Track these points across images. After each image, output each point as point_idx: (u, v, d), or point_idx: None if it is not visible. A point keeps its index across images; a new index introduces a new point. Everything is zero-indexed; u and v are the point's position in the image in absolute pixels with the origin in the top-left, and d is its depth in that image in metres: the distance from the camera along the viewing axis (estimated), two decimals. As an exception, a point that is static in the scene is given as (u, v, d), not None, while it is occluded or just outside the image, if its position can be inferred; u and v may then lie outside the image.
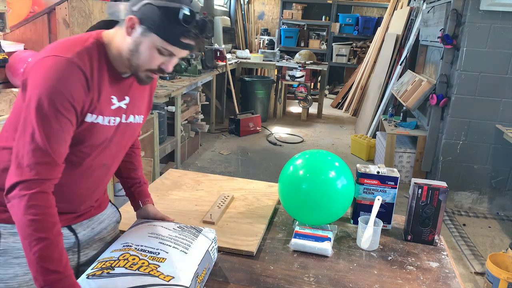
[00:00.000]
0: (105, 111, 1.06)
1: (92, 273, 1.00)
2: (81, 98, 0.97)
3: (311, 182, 1.32)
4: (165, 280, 0.98)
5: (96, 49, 1.03)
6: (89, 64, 1.00)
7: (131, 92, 1.13)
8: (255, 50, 7.50)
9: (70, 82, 0.95)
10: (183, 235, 1.14)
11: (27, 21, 2.54)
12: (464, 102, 3.36)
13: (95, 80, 1.01)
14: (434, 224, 1.35)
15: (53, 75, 0.94)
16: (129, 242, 1.10)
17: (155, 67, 1.05)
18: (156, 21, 0.98)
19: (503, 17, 3.14)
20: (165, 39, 1.00)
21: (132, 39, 1.02)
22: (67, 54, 0.97)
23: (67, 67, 0.96)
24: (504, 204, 3.48)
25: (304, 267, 1.21)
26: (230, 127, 5.34)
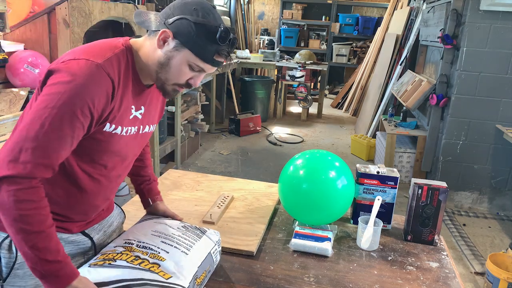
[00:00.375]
0: (124, 121, 1.04)
1: (94, 263, 1.02)
2: (102, 106, 0.95)
3: (311, 182, 1.32)
4: (164, 277, 0.98)
5: (125, 56, 1.02)
6: (118, 72, 0.99)
7: (148, 101, 1.12)
8: (255, 50, 7.50)
9: (97, 88, 0.93)
10: (186, 235, 1.14)
11: (27, 21, 2.54)
12: (464, 102, 3.36)
13: (120, 89, 1.00)
14: (434, 224, 1.35)
15: (81, 78, 0.92)
16: (132, 239, 1.11)
17: (184, 82, 1.04)
18: (192, 38, 0.97)
19: (503, 17, 3.14)
20: (199, 56, 0.99)
21: (164, 52, 1.00)
22: (98, 59, 0.95)
23: (97, 72, 0.94)
24: (504, 204, 3.48)
25: (304, 267, 1.21)
26: (230, 127, 5.34)
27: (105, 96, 0.95)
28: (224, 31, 0.97)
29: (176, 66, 1.01)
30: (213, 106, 5.27)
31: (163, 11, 1.01)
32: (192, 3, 0.99)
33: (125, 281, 0.96)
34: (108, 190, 1.14)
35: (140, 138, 1.14)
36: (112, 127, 1.01)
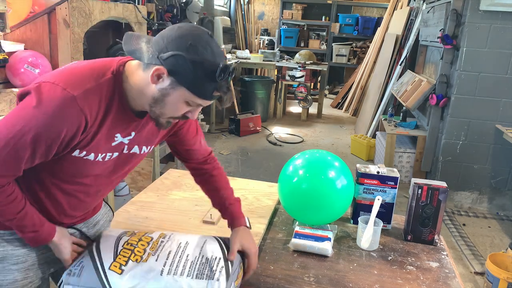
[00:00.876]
0: (101, 149, 1.00)
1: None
2: (68, 138, 0.92)
3: (311, 182, 1.32)
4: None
5: (111, 86, 0.96)
6: (97, 105, 0.94)
7: (140, 127, 1.07)
8: (255, 50, 7.50)
9: (66, 122, 0.90)
10: (192, 264, 1.05)
11: (27, 21, 2.54)
12: (464, 102, 3.36)
13: (97, 122, 0.95)
14: (434, 224, 1.35)
15: (51, 109, 0.88)
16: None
17: (180, 115, 1.00)
18: (189, 77, 0.91)
19: (503, 17, 3.14)
20: (197, 95, 0.94)
21: (158, 89, 0.94)
22: (75, 90, 0.90)
23: (70, 106, 0.89)
24: (504, 204, 3.48)
25: (304, 267, 1.21)
26: (230, 127, 5.34)
27: (74, 130, 0.91)
28: (223, 68, 0.91)
29: (171, 103, 0.95)
30: (213, 106, 5.27)
31: (156, 41, 0.93)
32: (187, 37, 0.91)
33: None
34: (87, 204, 1.14)
35: (126, 158, 1.10)
36: (83, 154, 0.98)
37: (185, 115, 1.00)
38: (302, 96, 6.05)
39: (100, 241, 1.13)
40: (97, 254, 1.08)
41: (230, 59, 5.85)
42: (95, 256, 1.07)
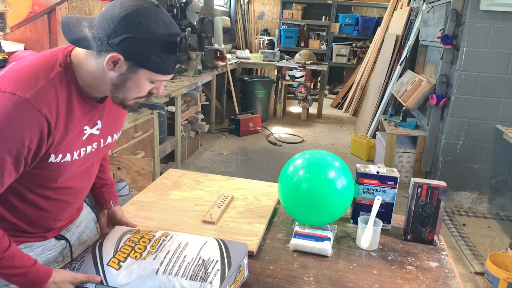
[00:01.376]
0: (75, 146, 0.96)
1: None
2: (35, 144, 0.85)
3: (311, 182, 1.32)
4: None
5: (64, 79, 0.89)
6: (55, 103, 0.87)
7: (105, 114, 1.03)
8: (255, 50, 7.50)
9: (27, 129, 0.82)
10: (188, 264, 1.04)
11: (27, 21, 2.54)
12: (464, 102, 3.36)
13: (61, 119, 0.88)
14: (434, 224, 1.35)
15: (6, 118, 0.80)
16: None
17: (145, 94, 0.96)
18: (147, 57, 0.85)
19: (503, 17, 3.14)
20: (159, 72, 0.90)
21: (117, 75, 0.89)
22: (26, 93, 0.82)
23: (25, 109, 0.82)
24: (504, 204, 3.48)
25: (304, 267, 1.21)
26: (230, 127, 5.34)
27: (38, 134, 0.84)
28: (180, 39, 0.86)
29: (134, 86, 0.91)
30: (213, 106, 5.27)
31: (100, 25, 0.85)
32: (135, 15, 0.84)
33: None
34: (73, 204, 1.12)
35: (102, 150, 1.08)
36: (59, 157, 0.92)
37: (150, 92, 0.96)
38: (302, 96, 6.05)
39: (104, 239, 1.13)
40: (99, 251, 1.08)
41: (230, 59, 5.85)
42: (96, 253, 1.07)
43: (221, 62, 5.24)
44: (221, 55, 5.20)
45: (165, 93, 3.34)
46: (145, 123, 2.94)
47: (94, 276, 1.00)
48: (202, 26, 4.85)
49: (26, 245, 1.05)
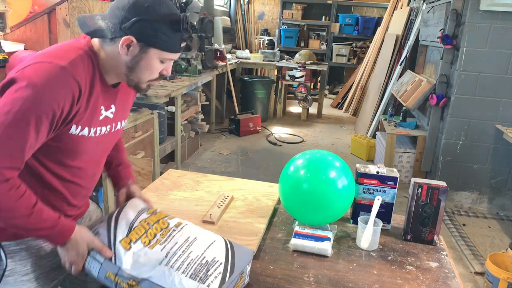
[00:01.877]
0: (92, 122, 1.03)
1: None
2: (67, 109, 0.93)
3: (311, 182, 1.32)
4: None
5: (89, 58, 0.99)
6: (84, 73, 0.96)
7: (118, 99, 1.11)
8: (255, 50, 7.50)
9: (61, 91, 0.91)
10: (193, 262, 1.04)
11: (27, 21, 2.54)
12: (464, 102, 3.36)
13: (87, 90, 0.98)
14: (434, 224, 1.35)
15: (45, 81, 0.89)
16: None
17: (156, 76, 1.05)
18: (156, 36, 0.97)
19: (503, 17, 3.14)
20: (168, 50, 1.00)
21: (130, 58, 0.99)
22: (62, 61, 0.92)
23: (62, 75, 0.91)
24: (504, 204, 3.48)
25: (304, 267, 1.21)
26: (230, 127, 5.34)
27: (70, 99, 0.93)
28: (182, 17, 0.98)
29: (147, 66, 1.01)
30: (213, 106, 5.27)
31: (112, 14, 0.98)
32: (141, 1, 0.96)
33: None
34: (85, 189, 1.16)
35: (112, 135, 1.14)
36: (79, 129, 0.99)
37: (161, 73, 1.06)
38: (302, 96, 6.05)
39: (121, 212, 1.13)
40: (114, 225, 1.09)
41: (230, 59, 5.85)
42: (112, 226, 1.08)
43: (221, 62, 5.24)
44: (221, 55, 5.20)
45: (165, 93, 3.34)
46: (145, 123, 2.94)
47: (107, 249, 1.03)
48: (202, 26, 4.84)
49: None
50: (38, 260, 1.08)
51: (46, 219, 0.96)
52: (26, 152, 0.91)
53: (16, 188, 0.91)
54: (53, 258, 1.12)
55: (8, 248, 1.04)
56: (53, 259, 1.12)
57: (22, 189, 0.93)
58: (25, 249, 1.06)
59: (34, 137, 0.90)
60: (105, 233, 1.07)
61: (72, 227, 1.01)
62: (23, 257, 1.05)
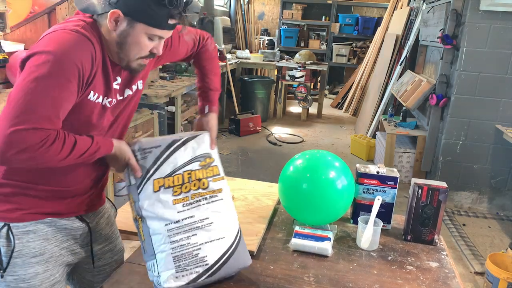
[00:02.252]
0: (104, 90, 1.05)
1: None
2: (88, 70, 0.96)
3: (311, 182, 1.32)
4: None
5: (93, 30, 1.01)
6: (94, 38, 0.99)
7: (123, 72, 1.11)
8: (255, 50, 7.50)
9: (82, 51, 0.95)
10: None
11: (27, 21, 2.54)
12: (464, 102, 3.36)
13: (98, 57, 1.00)
14: (434, 224, 1.35)
15: (63, 44, 0.92)
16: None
17: (147, 53, 1.05)
18: (142, 9, 0.97)
19: (503, 17, 3.14)
20: (154, 26, 1.00)
21: (118, 33, 1.00)
22: (74, 28, 0.96)
23: (79, 37, 0.95)
24: (504, 204, 3.48)
25: (304, 267, 1.21)
26: (230, 127, 5.34)
27: (90, 59, 0.96)
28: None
29: (134, 42, 1.01)
30: (213, 106, 5.26)
31: None
32: None
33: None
34: (93, 170, 1.16)
35: (122, 104, 1.14)
36: (96, 96, 1.02)
37: (151, 52, 1.05)
38: (302, 96, 6.05)
39: (180, 147, 1.11)
40: (163, 159, 1.08)
41: (230, 59, 5.85)
42: (160, 160, 1.08)
43: (221, 62, 5.24)
44: (221, 55, 5.20)
45: (165, 93, 3.34)
46: (145, 123, 2.94)
47: (139, 171, 1.06)
48: (202, 26, 4.85)
49: (51, 219, 1.10)
50: (46, 243, 1.09)
51: (86, 144, 0.99)
52: (61, 114, 0.93)
53: (63, 139, 0.94)
54: (61, 244, 1.13)
55: (16, 229, 1.04)
56: (61, 245, 1.13)
57: (66, 139, 0.95)
58: (33, 231, 1.07)
59: (66, 97, 0.92)
60: (151, 162, 1.07)
61: (109, 143, 1.05)
62: (31, 239, 1.06)
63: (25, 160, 0.89)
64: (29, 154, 0.88)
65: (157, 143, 1.09)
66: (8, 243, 1.04)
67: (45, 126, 0.89)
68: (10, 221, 1.04)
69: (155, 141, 1.10)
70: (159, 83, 3.72)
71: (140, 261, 1.21)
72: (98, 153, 1.02)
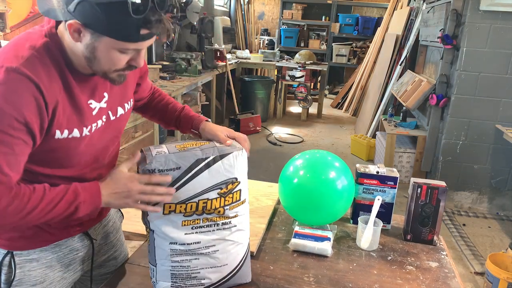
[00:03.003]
0: (85, 121, 0.92)
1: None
2: (36, 113, 0.81)
3: (311, 182, 1.32)
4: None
5: (50, 50, 0.85)
6: (45, 71, 0.83)
7: (109, 85, 0.97)
8: (255, 50, 7.50)
9: (17, 97, 0.79)
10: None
11: (27, 21, 2.54)
12: (464, 102, 3.36)
13: (57, 89, 0.85)
14: (434, 224, 1.35)
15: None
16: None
17: (124, 66, 0.89)
18: (103, 22, 0.79)
19: (503, 17, 3.14)
20: (122, 39, 0.82)
21: (84, 46, 0.83)
22: (13, 62, 0.80)
23: (13, 79, 0.79)
24: (504, 204, 3.48)
25: (304, 267, 1.21)
26: (230, 127, 5.34)
27: (33, 102, 0.80)
28: (134, 1, 0.77)
29: (104, 57, 0.84)
30: (213, 106, 5.27)
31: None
32: None
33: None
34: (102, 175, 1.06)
35: (114, 124, 1.02)
36: (66, 132, 0.88)
37: (130, 64, 0.89)
38: (302, 96, 6.05)
39: (205, 168, 0.94)
40: (182, 183, 0.93)
41: (230, 59, 5.85)
42: (179, 182, 0.92)
43: (221, 62, 5.24)
44: (221, 55, 5.20)
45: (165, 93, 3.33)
46: (145, 123, 2.94)
47: (159, 207, 0.95)
48: (202, 26, 4.85)
49: (55, 244, 1.06)
50: (48, 270, 1.05)
51: (57, 202, 0.86)
52: (6, 168, 0.80)
53: (17, 197, 0.83)
54: (65, 268, 1.09)
55: (19, 257, 1.00)
56: (65, 269, 1.09)
57: (22, 193, 0.84)
58: (36, 260, 1.03)
59: (11, 151, 0.80)
60: (165, 186, 0.93)
61: (97, 190, 0.90)
62: (33, 268, 1.02)
63: None
64: None
65: (177, 164, 0.92)
66: (10, 271, 1.00)
67: None
68: (14, 249, 1.00)
69: (174, 160, 0.92)
70: (159, 83, 3.72)
71: (140, 261, 1.21)
72: (79, 205, 0.87)
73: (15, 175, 0.82)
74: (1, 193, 0.79)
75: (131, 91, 1.10)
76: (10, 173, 0.81)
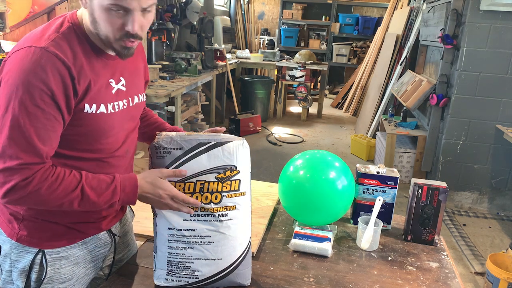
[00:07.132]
0: (106, 97, 0.99)
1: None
2: (63, 90, 0.89)
3: (311, 182, 1.32)
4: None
5: (74, 33, 0.94)
6: (70, 50, 0.92)
7: (126, 71, 1.06)
8: (255, 50, 7.50)
9: (47, 74, 0.86)
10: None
11: (27, 21, 2.54)
12: (464, 102, 3.36)
13: (83, 66, 0.93)
14: (434, 224, 1.35)
15: (27, 67, 0.85)
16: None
17: (121, 32, 0.93)
18: None
19: (503, 17, 3.14)
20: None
21: (88, 10, 0.93)
22: (41, 43, 0.88)
23: (43, 57, 0.87)
24: (504, 204, 3.48)
25: (304, 267, 1.21)
26: (230, 127, 5.34)
27: (62, 79, 0.88)
28: None
29: (100, 17, 0.91)
30: (213, 106, 5.27)
31: None
32: None
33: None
34: (122, 168, 1.11)
35: (133, 111, 1.10)
36: (94, 107, 0.95)
37: (126, 30, 0.93)
38: (302, 96, 6.05)
39: (205, 151, 1.01)
40: (182, 162, 1.01)
41: (230, 59, 5.85)
42: (179, 161, 1.01)
43: (221, 62, 5.24)
44: (221, 55, 5.20)
45: (165, 93, 3.33)
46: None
47: (180, 170, 1.01)
48: (202, 26, 4.85)
49: (82, 242, 1.10)
50: (75, 267, 1.09)
51: (101, 192, 0.94)
52: (38, 143, 0.87)
53: (52, 176, 0.90)
54: (88, 264, 1.13)
55: (50, 255, 1.04)
56: (87, 265, 1.13)
57: (60, 175, 0.91)
58: (65, 257, 1.06)
59: (42, 125, 0.87)
60: (166, 164, 1.02)
61: (134, 177, 0.99)
62: (62, 265, 1.06)
63: (18, 200, 0.88)
64: (19, 193, 0.87)
65: (180, 145, 1.01)
66: (41, 270, 1.04)
67: (28, 160, 0.86)
68: (45, 248, 1.03)
69: (179, 141, 1.01)
70: (159, 83, 3.72)
71: (140, 262, 1.21)
72: (117, 195, 0.97)
73: (48, 149, 0.90)
74: (33, 170, 0.87)
75: (142, 84, 1.18)
76: (43, 148, 0.88)
